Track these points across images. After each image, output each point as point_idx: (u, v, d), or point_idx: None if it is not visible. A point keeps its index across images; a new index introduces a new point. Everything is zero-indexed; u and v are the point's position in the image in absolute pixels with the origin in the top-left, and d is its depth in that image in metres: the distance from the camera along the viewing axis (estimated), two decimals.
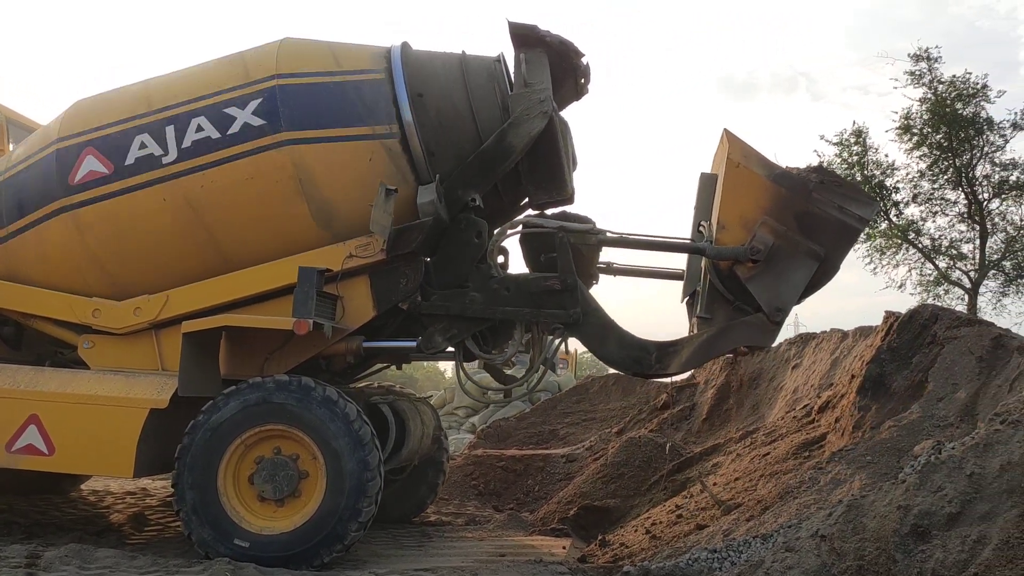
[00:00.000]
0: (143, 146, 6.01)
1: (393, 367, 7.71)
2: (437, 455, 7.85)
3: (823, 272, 5.79)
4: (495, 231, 6.24)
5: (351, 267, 5.95)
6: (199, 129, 5.95)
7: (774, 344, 6.70)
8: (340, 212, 5.96)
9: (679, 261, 6.80)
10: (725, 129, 6.08)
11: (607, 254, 6.61)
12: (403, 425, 6.56)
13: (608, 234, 6.20)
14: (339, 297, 6.00)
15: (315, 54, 6.15)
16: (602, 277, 6.74)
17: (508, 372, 7.10)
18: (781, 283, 5.76)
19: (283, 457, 5.63)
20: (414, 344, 6.26)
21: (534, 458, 9.79)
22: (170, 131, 5.99)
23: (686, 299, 6.67)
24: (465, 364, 6.47)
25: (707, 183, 6.42)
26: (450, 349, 6.33)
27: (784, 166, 5.93)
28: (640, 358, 6.02)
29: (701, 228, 6.27)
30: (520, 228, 6.23)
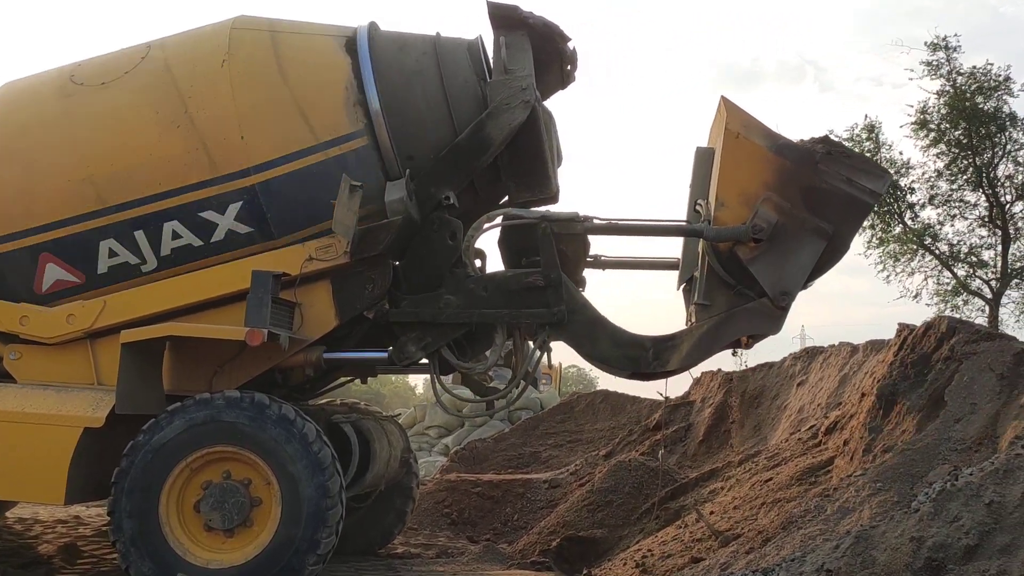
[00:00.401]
0: (113, 254, 6.03)
1: (358, 381, 7.68)
2: (406, 480, 7.81)
3: (831, 251, 5.81)
4: (471, 226, 6.23)
5: (311, 271, 5.92)
6: (175, 236, 5.97)
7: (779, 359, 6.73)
8: None
9: (674, 248, 6.80)
10: (722, 97, 6.09)
11: (595, 245, 6.62)
12: (368, 446, 6.52)
13: (595, 221, 6.19)
14: (297, 304, 5.97)
15: (279, 110, 5.99)
16: (590, 277, 6.75)
17: (489, 384, 7.09)
18: (786, 264, 5.78)
19: (233, 482, 5.57)
20: (384, 355, 6.24)
21: (513, 483, 9.78)
22: (140, 236, 5.99)
23: (682, 286, 6.68)
24: (441, 376, 6.44)
25: (703, 158, 6.43)
26: (424, 360, 6.31)
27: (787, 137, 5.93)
28: (636, 356, 6.03)
29: (698, 207, 6.27)
30: (499, 220, 6.22)
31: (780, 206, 5.74)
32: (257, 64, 6.05)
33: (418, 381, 63.54)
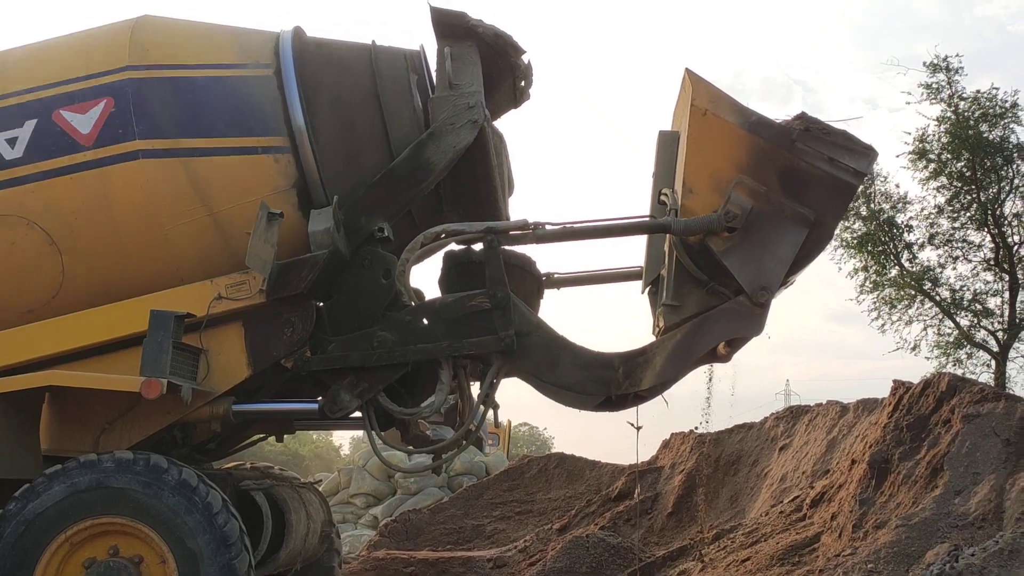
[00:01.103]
0: None
1: (272, 440, 7.61)
2: (326, 558, 7.72)
3: (814, 240, 5.92)
4: (406, 248, 6.20)
5: (220, 312, 5.90)
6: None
7: (760, 421, 6.79)
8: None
9: (637, 253, 6.87)
10: (687, 69, 6.18)
11: (546, 257, 6.65)
12: (282, 518, 6.46)
13: (548, 227, 6.19)
14: (203, 350, 5.93)
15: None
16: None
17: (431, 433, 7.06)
18: (765, 256, 5.88)
19: (121, 560, 5.48)
20: (308, 407, 6.22)
21: (452, 562, 9.71)
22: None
23: (647, 289, 6.76)
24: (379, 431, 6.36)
25: (668, 142, 6.53)
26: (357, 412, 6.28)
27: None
28: (604, 377, 6.06)
29: (663, 197, 6.33)
30: (437, 239, 6.18)
31: (755, 190, 5.85)
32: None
33: (343, 440, 63.01)
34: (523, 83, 6.73)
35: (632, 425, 7.25)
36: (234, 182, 6.01)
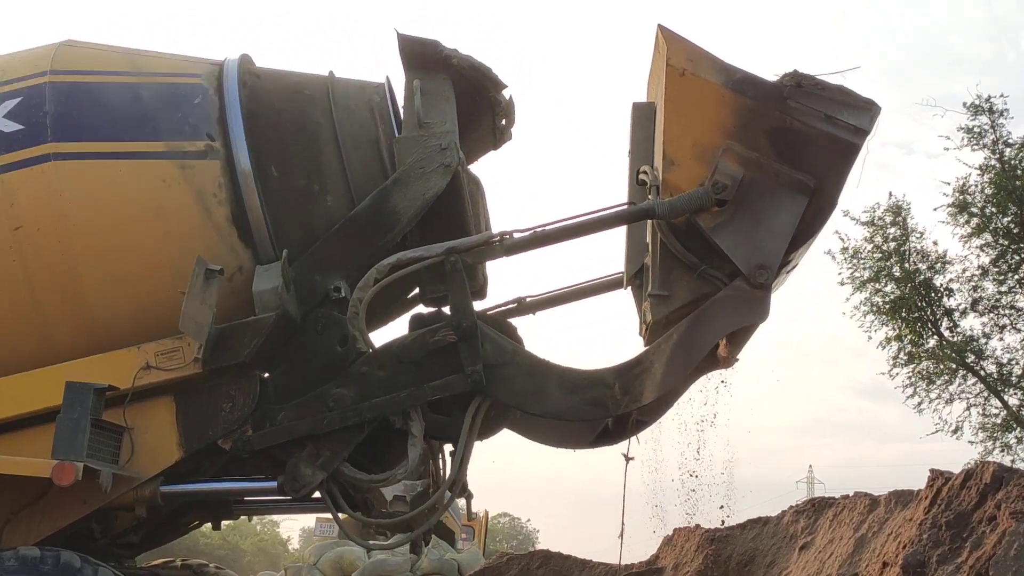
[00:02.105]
0: None
1: (208, 530, 7.54)
2: None
3: (816, 209, 5.97)
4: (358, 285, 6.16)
5: (149, 384, 5.87)
6: None
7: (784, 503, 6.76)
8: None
9: (617, 258, 6.91)
10: (659, 26, 6.22)
11: (514, 274, 6.69)
12: None
13: (516, 235, 6.19)
14: (127, 429, 5.88)
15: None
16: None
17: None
18: (760, 230, 5.93)
19: None
20: (260, 486, 6.19)
21: None
22: None
23: (630, 284, 6.80)
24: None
25: (643, 115, 6.61)
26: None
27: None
28: (599, 397, 6.06)
29: (642, 175, 6.36)
30: (393, 271, 6.10)
31: (745, 157, 5.93)
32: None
33: (291, 532, 62.47)
34: (504, 122, 6.80)
35: (625, 456, 7.31)
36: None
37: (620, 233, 6.78)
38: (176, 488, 6.12)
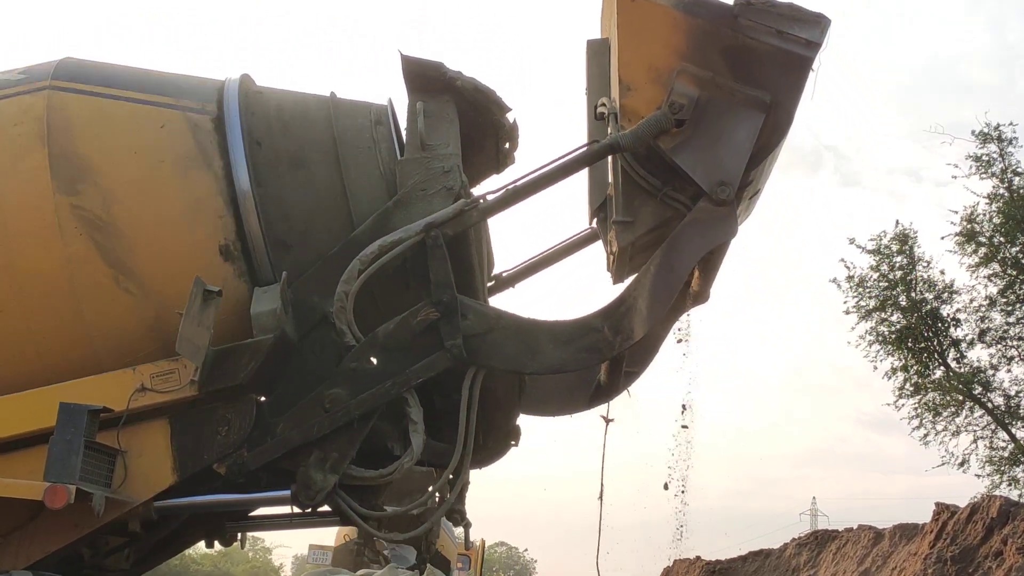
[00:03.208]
0: None
1: (200, 552, 7.55)
2: None
3: (773, 125, 6.14)
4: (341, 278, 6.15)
5: (144, 406, 5.87)
6: None
7: (782, 547, 6.75)
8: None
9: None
10: None
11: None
12: None
13: (488, 197, 6.31)
14: (120, 452, 5.87)
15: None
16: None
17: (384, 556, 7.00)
18: (719, 147, 6.09)
19: None
20: (257, 497, 6.22)
21: None
22: None
23: (595, 218, 7.01)
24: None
25: (598, 51, 6.83)
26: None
27: None
28: (592, 343, 6.14)
29: (600, 108, 6.52)
30: (377, 259, 6.10)
31: (700, 77, 6.08)
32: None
33: (284, 559, 62.10)
34: (507, 145, 6.83)
35: (604, 419, 7.38)
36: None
37: (583, 177, 6.95)
38: (169, 502, 6.12)
